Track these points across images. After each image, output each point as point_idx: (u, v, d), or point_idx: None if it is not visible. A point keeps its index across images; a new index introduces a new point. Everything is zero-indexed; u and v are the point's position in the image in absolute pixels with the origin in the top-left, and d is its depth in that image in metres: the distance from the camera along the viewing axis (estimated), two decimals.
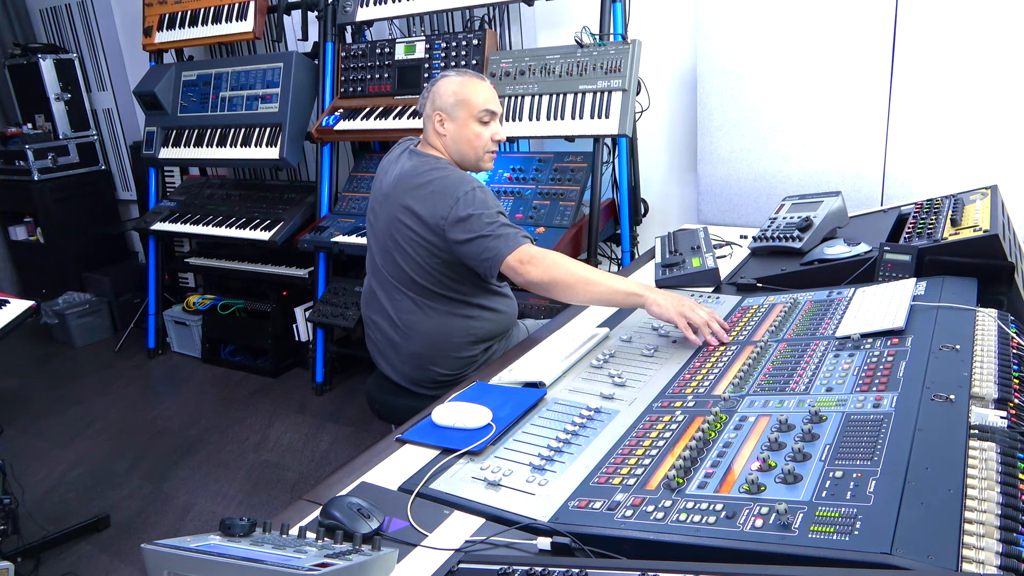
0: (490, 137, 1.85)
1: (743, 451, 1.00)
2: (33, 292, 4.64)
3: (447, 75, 1.86)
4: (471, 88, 1.83)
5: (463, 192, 1.71)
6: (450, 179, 1.76)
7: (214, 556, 0.80)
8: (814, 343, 1.31)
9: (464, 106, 1.81)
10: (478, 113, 1.82)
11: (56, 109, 4.54)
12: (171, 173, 4.32)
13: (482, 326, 1.88)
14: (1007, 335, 1.16)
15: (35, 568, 2.40)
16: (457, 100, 1.81)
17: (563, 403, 1.29)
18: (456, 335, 1.86)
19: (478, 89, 1.83)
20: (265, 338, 3.81)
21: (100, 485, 2.93)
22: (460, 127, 1.83)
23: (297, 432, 3.23)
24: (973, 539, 0.73)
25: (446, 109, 1.82)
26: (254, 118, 3.52)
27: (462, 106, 1.81)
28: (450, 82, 1.83)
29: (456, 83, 1.83)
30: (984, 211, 1.57)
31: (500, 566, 0.81)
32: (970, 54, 2.09)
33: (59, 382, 4.01)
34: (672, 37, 2.85)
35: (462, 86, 1.82)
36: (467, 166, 1.88)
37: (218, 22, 3.56)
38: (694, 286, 1.81)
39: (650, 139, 3.02)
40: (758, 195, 2.53)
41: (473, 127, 1.83)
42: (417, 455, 1.20)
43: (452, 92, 1.82)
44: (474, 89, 1.83)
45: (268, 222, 3.51)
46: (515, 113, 2.75)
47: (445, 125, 1.83)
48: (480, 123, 1.83)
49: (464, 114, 1.81)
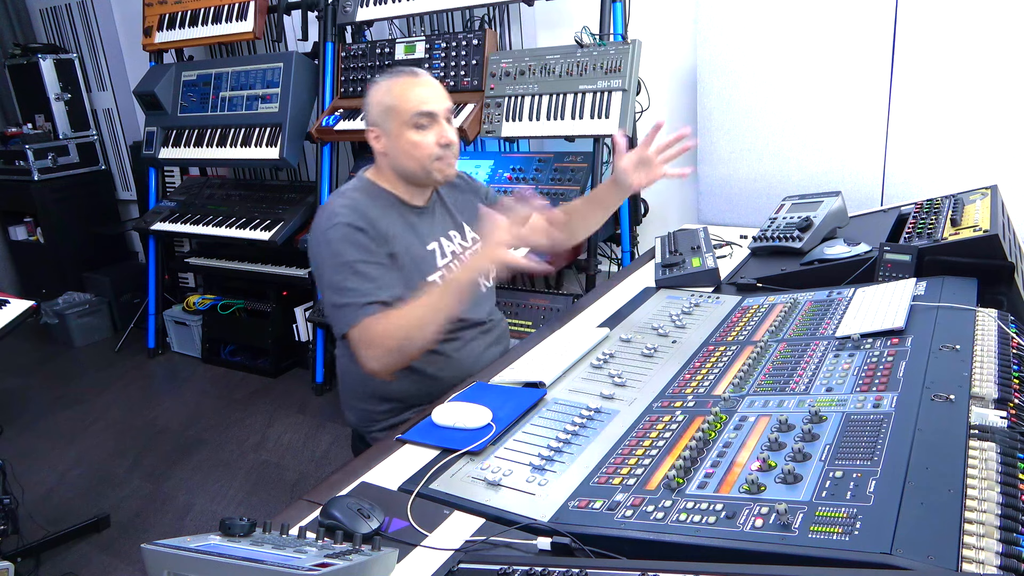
0: (435, 142, 1.55)
1: (743, 451, 1.00)
2: (33, 292, 4.64)
3: (376, 81, 1.59)
4: (399, 91, 1.55)
5: (313, 242, 1.54)
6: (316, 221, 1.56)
7: (214, 556, 0.80)
8: (814, 343, 1.31)
9: (393, 114, 1.54)
10: (411, 118, 1.53)
11: (56, 109, 4.54)
12: (171, 173, 4.32)
13: (384, 383, 1.58)
14: (1007, 335, 1.16)
15: (35, 568, 2.40)
16: (386, 109, 1.55)
17: (563, 403, 1.29)
18: (354, 381, 1.65)
19: (407, 90, 1.55)
20: (265, 338, 3.81)
21: (100, 485, 2.93)
22: (396, 139, 1.55)
23: (297, 432, 3.23)
24: (973, 539, 0.73)
25: (377, 122, 1.57)
26: (254, 118, 3.52)
27: (391, 115, 1.54)
28: (378, 89, 1.58)
29: (383, 89, 1.57)
30: (984, 211, 1.57)
31: (500, 566, 0.81)
32: (970, 54, 2.09)
33: (59, 382, 4.01)
34: (672, 37, 2.85)
35: (388, 92, 1.56)
36: (419, 181, 1.62)
37: (218, 22, 3.56)
38: (694, 286, 1.81)
39: None
40: (758, 195, 2.53)
41: (410, 136, 1.54)
42: (417, 455, 1.20)
43: (380, 101, 1.56)
44: (402, 91, 1.54)
45: (268, 222, 3.51)
46: (515, 113, 2.75)
47: (382, 140, 1.58)
48: (416, 129, 1.54)
49: (396, 124, 1.54)
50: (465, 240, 1.73)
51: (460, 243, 1.71)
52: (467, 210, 1.76)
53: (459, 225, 1.74)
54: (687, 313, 1.63)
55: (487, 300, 1.77)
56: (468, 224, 1.75)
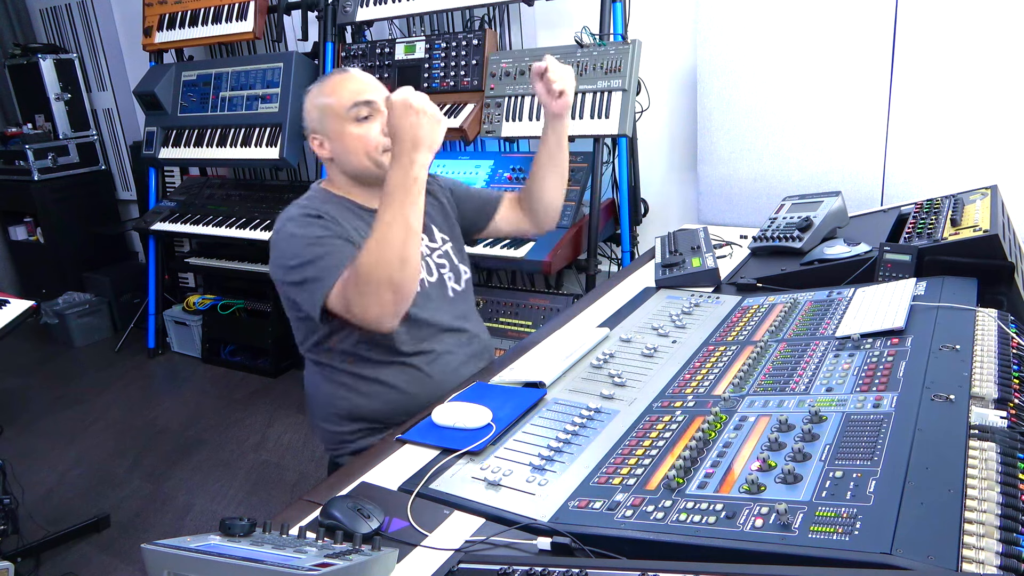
0: (380, 131, 1.49)
1: (743, 451, 1.00)
2: (33, 292, 4.64)
3: (308, 89, 1.56)
4: (331, 89, 1.51)
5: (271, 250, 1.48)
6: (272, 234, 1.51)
7: (214, 556, 0.80)
8: (814, 343, 1.31)
9: (330, 114, 1.49)
10: (348, 112, 1.48)
11: (56, 109, 4.54)
12: (171, 173, 4.32)
13: (354, 401, 1.53)
14: (1007, 335, 1.16)
15: (35, 568, 2.40)
16: (321, 111, 1.51)
17: (563, 403, 1.29)
18: (321, 400, 1.57)
19: (338, 87, 1.51)
20: (265, 338, 3.81)
21: (100, 485, 2.93)
22: (339, 140, 1.50)
23: (297, 432, 3.23)
24: (973, 539, 0.73)
25: (317, 128, 1.52)
26: (254, 118, 3.52)
27: (329, 115, 1.50)
28: (309, 95, 1.54)
29: (314, 93, 1.53)
30: (984, 211, 1.57)
31: (500, 566, 0.81)
32: (970, 55, 2.09)
33: (59, 382, 4.01)
34: (672, 37, 2.85)
35: (320, 93, 1.52)
36: (371, 178, 1.53)
37: (218, 22, 3.56)
38: (694, 286, 1.81)
39: (650, 139, 3.02)
40: (758, 195, 2.53)
41: (352, 131, 1.49)
42: (417, 455, 1.20)
43: (314, 105, 1.52)
44: (333, 89, 1.51)
45: (268, 222, 3.51)
46: (515, 113, 2.75)
47: (326, 146, 1.53)
48: (357, 122, 1.49)
49: (334, 123, 1.49)
50: (433, 241, 1.65)
51: (427, 244, 1.63)
52: (433, 211, 1.69)
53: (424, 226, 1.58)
54: (687, 313, 1.63)
55: (459, 303, 1.66)
56: (435, 226, 1.68)
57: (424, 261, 1.59)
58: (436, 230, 1.68)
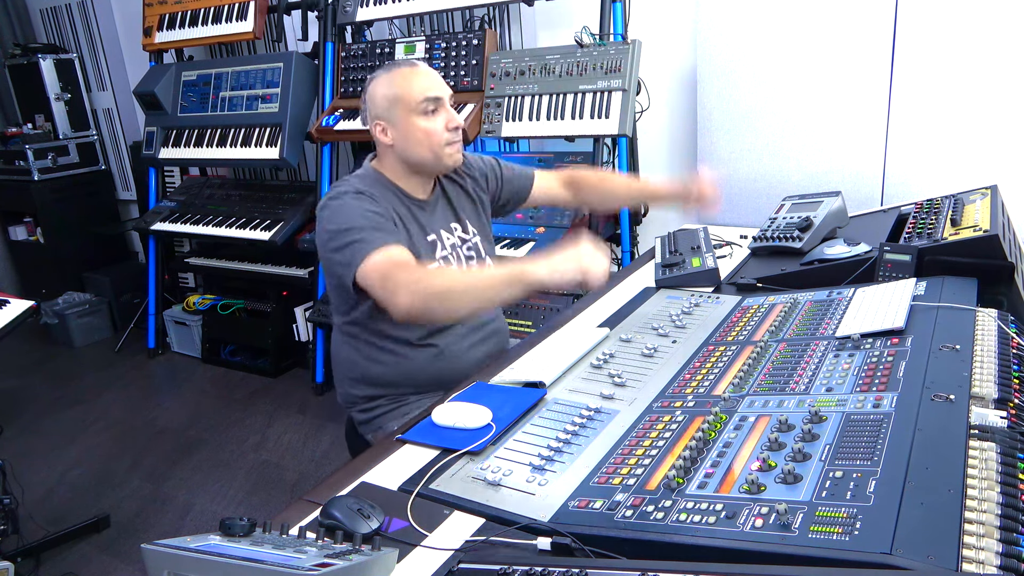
0: (444, 127, 1.58)
1: (743, 451, 1.00)
2: (33, 292, 4.64)
3: (375, 76, 1.61)
4: (401, 80, 1.57)
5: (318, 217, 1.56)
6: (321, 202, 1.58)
7: (214, 556, 0.80)
8: (814, 343, 1.31)
9: (400, 104, 1.56)
10: (418, 105, 1.56)
11: (56, 109, 4.54)
12: (171, 173, 4.32)
13: (368, 365, 1.63)
14: (1007, 335, 1.16)
15: (35, 568, 2.40)
16: (391, 100, 1.57)
17: (563, 403, 1.29)
18: (343, 359, 1.68)
19: (410, 79, 1.57)
20: (265, 338, 3.81)
21: (100, 485, 2.93)
22: (404, 129, 1.57)
23: (297, 432, 3.23)
24: (973, 539, 0.73)
25: (383, 115, 1.58)
26: (254, 118, 3.52)
27: (397, 105, 1.56)
28: (379, 82, 1.59)
29: (385, 81, 1.58)
30: (984, 211, 1.57)
31: (500, 566, 0.81)
32: (970, 54, 2.09)
33: (59, 382, 4.01)
34: (672, 37, 2.85)
35: (391, 83, 1.57)
36: (430, 169, 1.65)
37: (218, 22, 3.56)
38: (694, 286, 1.81)
39: (650, 139, 3.02)
40: (758, 195, 2.53)
41: (419, 123, 1.56)
42: (417, 455, 1.20)
43: (382, 94, 1.58)
44: (405, 81, 1.57)
45: (268, 222, 3.51)
46: (515, 113, 2.75)
47: (389, 133, 1.59)
48: (425, 115, 1.57)
49: (403, 113, 1.56)
50: (466, 233, 1.75)
51: (460, 235, 1.73)
52: (467, 205, 1.79)
53: (460, 219, 1.75)
54: (687, 313, 1.63)
55: None
56: (468, 220, 1.77)
57: (455, 251, 1.71)
58: (469, 224, 1.77)
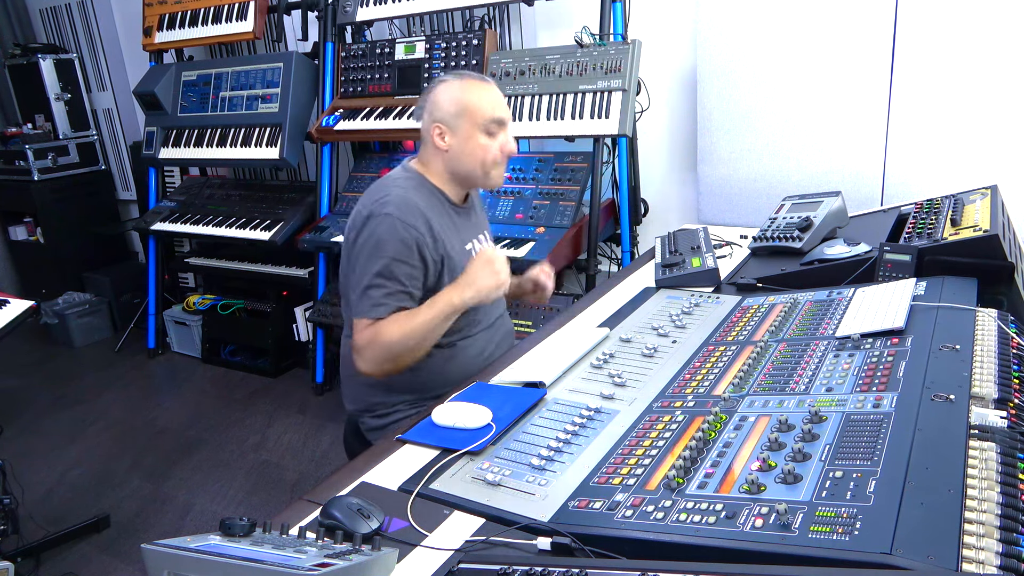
0: (499, 149, 1.62)
1: (743, 451, 1.00)
2: (33, 292, 4.64)
3: (446, 80, 1.62)
4: (475, 94, 1.59)
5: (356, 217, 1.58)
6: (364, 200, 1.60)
7: (214, 556, 0.80)
8: (814, 343, 1.31)
9: (468, 116, 1.58)
10: (485, 123, 1.59)
11: (56, 109, 4.54)
12: (171, 173, 4.32)
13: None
14: (1007, 335, 1.16)
15: (35, 568, 2.40)
16: (459, 109, 1.58)
17: (563, 403, 1.29)
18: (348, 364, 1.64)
19: (483, 95, 1.60)
20: (265, 338, 3.81)
21: (100, 485, 2.93)
22: (464, 140, 1.59)
23: (297, 432, 3.23)
24: (973, 539, 0.73)
25: (446, 120, 1.59)
26: (254, 118, 3.52)
27: (465, 116, 1.58)
28: (450, 88, 1.60)
29: (457, 89, 1.59)
30: (984, 211, 1.57)
31: (500, 566, 0.81)
32: (970, 54, 2.09)
33: (59, 382, 4.00)
34: (672, 37, 2.85)
35: (464, 92, 1.59)
36: (473, 182, 1.68)
37: (218, 22, 3.56)
38: (694, 286, 1.81)
39: (650, 139, 3.02)
40: (758, 195, 2.53)
41: (479, 139, 1.59)
42: (417, 455, 1.20)
43: (453, 100, 1.58)
44: (478, 95, 1.59)
45: (268, 222, 3.51)
46: (515, 113, 2.75)
47: (446, 139, 1.60)
48: (487, 134, 1.60)
49: (468, 125, 1.58)
50: (489, 242, 1.82)
51: (486, 244, 1.79)
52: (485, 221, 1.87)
53: (485, 228, 1.83)
54: (687, 313, 1.63)
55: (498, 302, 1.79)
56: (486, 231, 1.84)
57: None
58: (487, 235, 1.83)
